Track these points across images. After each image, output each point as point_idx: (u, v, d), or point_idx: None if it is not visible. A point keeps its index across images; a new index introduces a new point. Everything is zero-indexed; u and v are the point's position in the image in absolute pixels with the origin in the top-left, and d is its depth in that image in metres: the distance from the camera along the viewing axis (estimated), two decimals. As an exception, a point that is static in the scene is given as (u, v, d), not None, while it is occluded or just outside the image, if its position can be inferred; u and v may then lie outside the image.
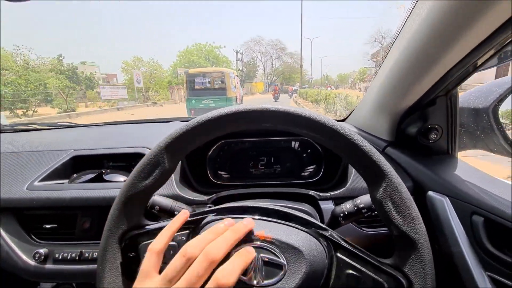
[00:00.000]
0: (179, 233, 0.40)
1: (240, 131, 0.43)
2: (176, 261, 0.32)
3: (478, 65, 0.55)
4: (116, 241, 0.40)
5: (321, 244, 0.38)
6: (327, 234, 0.39)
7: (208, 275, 0.30)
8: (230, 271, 0.31)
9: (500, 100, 0.62)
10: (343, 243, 0.38)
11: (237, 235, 0.34)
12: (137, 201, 0.41)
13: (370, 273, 0.36)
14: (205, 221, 0.41)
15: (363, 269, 0.37)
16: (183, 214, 0.40)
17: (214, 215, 0.41)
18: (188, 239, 0.40)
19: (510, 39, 0.45)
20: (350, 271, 0.37)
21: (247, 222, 0.37)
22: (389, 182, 0.37)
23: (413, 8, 0.55)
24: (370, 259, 0.37)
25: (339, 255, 0.38)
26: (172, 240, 0.39)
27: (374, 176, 0.38)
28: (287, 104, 0.54)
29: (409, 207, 0.36)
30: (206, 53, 34.29)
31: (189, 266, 0.31)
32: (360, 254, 0.37)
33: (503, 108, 0.63)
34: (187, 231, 0.41)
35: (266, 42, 54.12)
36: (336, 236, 0.39)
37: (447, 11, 0.44)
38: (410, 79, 0.62)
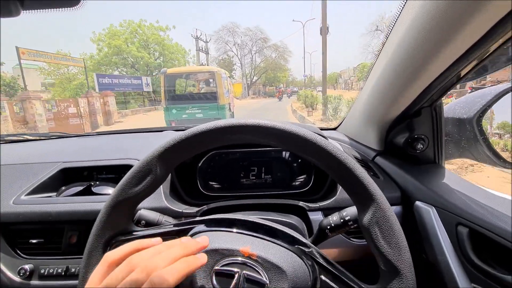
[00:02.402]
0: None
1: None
2: (119, 270, 0.31)
3: (461, 76, 0.56)
4: (101, 246, 0.40)
5: (305, 264, 0.38)
6: (312, 254, 0.39)
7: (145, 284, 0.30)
8: (168, 275, 0.30)
9: (484, 110, 0.63)
10: (327, 265, 0.38)
11: (185, 251, 0.34)
12: (126, 207, 0.41)
13: None
14: (192, 231, 0.41)
15: None
16: (155, 241, 0.37)
17: (203, 226, 0.42)
18: None
19: (492, 50, 0.46)
20: None
21: (201, 241, 0.36)
22: (377, 208, 0.36)
23: (397, 18, 0.56)
24: (354, 285, 0.37)
25: (323, 277, 0.38)
26: None
27: (363, 199, 0.38)
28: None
29: (396, 235, 0.36)
30: (143, 36, 21.34)
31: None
32: (345, 279, 0.37)
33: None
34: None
35: (243, 31, 39.88)
36: (321, 257, 0.39)
37: (430, 22, 0.44)
38: (395, 90, 0.63)
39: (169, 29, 23.05)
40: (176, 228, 0.43)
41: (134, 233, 0.42)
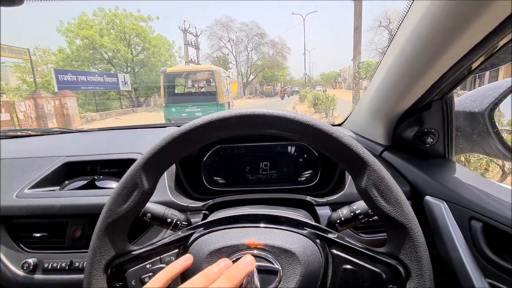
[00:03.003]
0: (167, 253, 0.39)
1: (236, 136, 0.42)
2: None
3: (472, 68, 0.55)
4: (101, 272, 0.38)
5: (314, 243, 0.38)
6: (319, 231, 0.39)
7: None
8: None
9: (496, 103, 0.62)
10: (336, 238, 0.38)
11: (232, 282, 0.30)
12: (118, 227, 0.39)
13: (367, 265, 0.36)
14: (193, 237, 0.40)
15: (359, 262, 0.37)
16: (185, 261, 0.35)
17: (202, 230, 0.40)
18: (177, 259, 0.38)
19: (504, 43, 0.45)
20: (347, 266, 0.37)
21: (245, 264, 0.32)
22: (371, 171, 0.36)
23: (407, 12, 0.55)
24: (364, 251, 0.37)
25: (334, 251, 0.38)
26: (160, 262, 0.38)
27: (356, 167, 0.38)
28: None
29: (394, 192, 0.36)
30: (120, 27, 17.74)
31: None
32: (354, 247, 0.37)
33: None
34: (176, 250, 0.40)
35: (238, 26, 36.46)
36: (327, 232, 0.39)
37: (441, 15, 0.44)
38: (405, 83, 0.62)
39: (151, 20, 19.31)
40: (176, 237, 0.41)
41: (132, 252, 0.40)
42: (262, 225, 0.40)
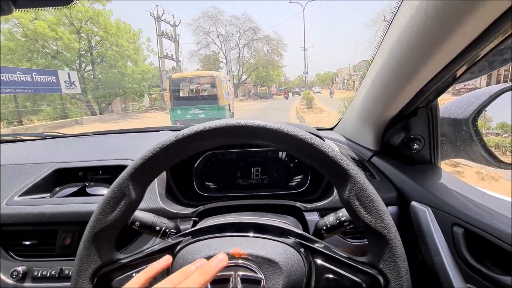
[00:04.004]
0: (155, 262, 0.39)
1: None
2: None
3: (457, 76, 0.56)
4: (87, 282, 0.38)
5: (298, 252, 0.38)
6: (304, 241, 0.39)
7: None
8: None
9: (479, 111, 0.63)
10: (320, 248, 0.39)
11: (206, 277, 0.33)
12: (105, 236, 0.39)
13: (348, 275, 0.37)
14: (180, 246, 0.41)
15: (341, 271, 0.38)
16: (164, 261, 0.37)
17: (190, 238, 0.41)
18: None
19: (487, 51, 0.46)
20: (330, 275, 0.38)
21: (218, 261, 0.35)
22: (353, 182, 0.37)
23: (391, 21, 0.56)
24: (347, 260, 0.38)
25: (317, 260, 0.38)
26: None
27: (340, 178, 0.39)
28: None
29: (375, 203, 0.37)
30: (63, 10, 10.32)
31: None
32: (337, 256, 0.38)
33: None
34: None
35: (228, 19, 32.18)
36: (310, 241, 0.40)
37: (425, 23, 0.45)
38: (391, 90, 0.63)
39: (109, 1, 14.47)
40: (163, 246, 0.42)
41: (119, 261, 0.41)
42: (247, 234, 0.40)
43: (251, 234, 0.40)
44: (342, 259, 0.38)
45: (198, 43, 32.51)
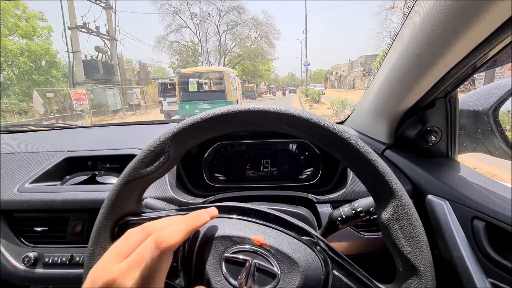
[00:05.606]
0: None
1: (237, 132, 0.41)
2: (136, 235, 0.32)
3: (477, 66, 0.54)
4: (110, 225, 0.39)
5: (319, 258, 0.36)
6: (325, 248, 0.37)
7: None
8: (172, 233, 0.29)
9: (501, 102, 0.61)
10: (341, 261, 0.36)
11: (189, 223, 0.32)
12: (136, 187, 0.40)
13: None
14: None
15: None
16: (211, 213, 0.36)
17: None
18: None
19: (509, 41, 0.44)
20: None
21: (206, 213, 0.35)
22: (398, 204, 0.34)
23: (411, 9, 0.54)
24: (367, 281, 0.35)
25: (336, 273, 0.36)
26: None
27: (383, 194, 0.36)
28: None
29: (418, 233, 0.33)
30: None
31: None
32: (359, 275, 0.35)
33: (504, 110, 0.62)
34: None
35: None
36: (334, 252, 0.37)
37: (446, 12, 0.43)
38: (408, 81, 0.61)
39: None
40: (185, 212, 0.41)
41: (142, 214, 0.41)
42: (272, 225, 0.39)
43: (275, 227, 0.39)
44: (363, 279, 0.35)
45: (167, 26, 25.61)
